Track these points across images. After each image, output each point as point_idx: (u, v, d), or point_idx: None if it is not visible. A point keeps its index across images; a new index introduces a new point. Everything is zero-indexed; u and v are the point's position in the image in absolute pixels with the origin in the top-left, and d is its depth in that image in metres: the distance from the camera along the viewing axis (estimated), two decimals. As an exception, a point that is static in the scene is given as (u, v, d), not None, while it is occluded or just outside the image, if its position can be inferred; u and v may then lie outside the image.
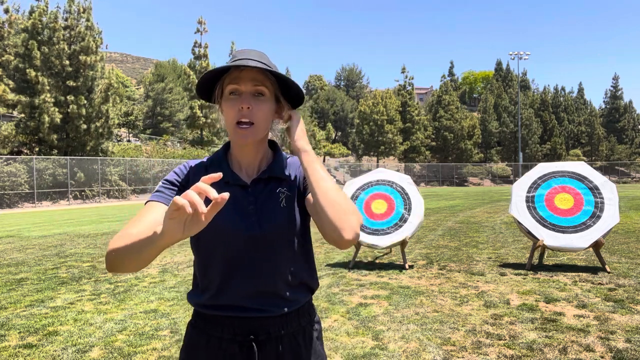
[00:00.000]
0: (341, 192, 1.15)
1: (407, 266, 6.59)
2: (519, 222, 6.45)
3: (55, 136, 27.37)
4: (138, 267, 1.06)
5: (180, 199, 0.85)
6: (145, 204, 1.20)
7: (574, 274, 6.02)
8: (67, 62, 27.72)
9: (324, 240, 9.91)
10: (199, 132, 41.42)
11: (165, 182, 1.25)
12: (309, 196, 1.21)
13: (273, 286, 1.23)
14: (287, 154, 1.36)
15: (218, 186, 1.20)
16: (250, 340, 1.22)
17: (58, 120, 26.89)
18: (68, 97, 27.55)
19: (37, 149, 28.51)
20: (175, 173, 1.28)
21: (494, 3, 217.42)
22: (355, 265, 6.77)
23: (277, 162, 1.29)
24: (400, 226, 6.63)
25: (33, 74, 26.45)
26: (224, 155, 1.30)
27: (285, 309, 1.24)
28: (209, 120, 39.31)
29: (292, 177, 1.30)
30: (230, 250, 1.21)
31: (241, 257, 1.22)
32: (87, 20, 29.04)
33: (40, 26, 27.48)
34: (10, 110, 28.11)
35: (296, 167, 1.31)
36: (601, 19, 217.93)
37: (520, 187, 6.67)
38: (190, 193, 0.86)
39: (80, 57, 28.08)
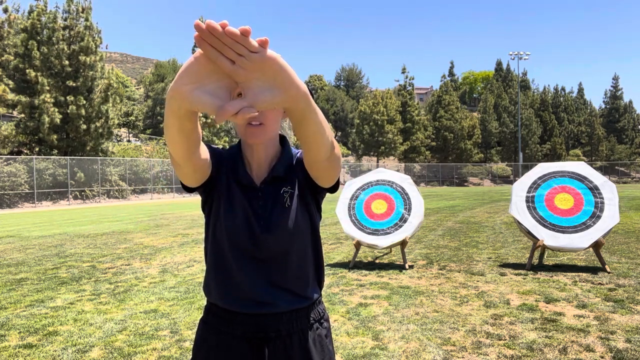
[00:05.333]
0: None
1: (407, 266, 6.59)
2: (519, 222, 6.44)
3: (55, 136, 27.34)
4: (183, 146, 1.05)
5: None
6: None
7: (574, 274, 6.02)
8: (67, 62, 27.68)
9: (323, 240, 9.79)
10: (199, 132, 41.38)
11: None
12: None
13: (284, 283, 1.26)
14: (295, 150, 1.37)
15: (233, 185, 1.27)
16: (261, 337, 1.24)
17: (58, 120, 26.85)
18: (68, 97, 27.51)
19: (37, 149, 28.49)
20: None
21: (494, 3, 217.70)
22: (355, 265, 6.77)
23: (282, 161, 1.30)
24: (400, 226, 6.63)
25: (33, 74, 26.42)
26: (238, 153, 1.32)
27: (296, 305, 1.27)
28: (209, 120, 39.30)
29: (296, 174, 1.31)
30: (242, 249, 1.25)
31: (253, 256, 1.25)
32: (87, 20, 28.99)
33: (39, 26, 27.44)
34: (10, 110, 28.08)
35: (300, 162, 1.30)
36: (601, 19, 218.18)
37: (520, 187, 6.66)
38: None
39: (80, 57, 28.04)
